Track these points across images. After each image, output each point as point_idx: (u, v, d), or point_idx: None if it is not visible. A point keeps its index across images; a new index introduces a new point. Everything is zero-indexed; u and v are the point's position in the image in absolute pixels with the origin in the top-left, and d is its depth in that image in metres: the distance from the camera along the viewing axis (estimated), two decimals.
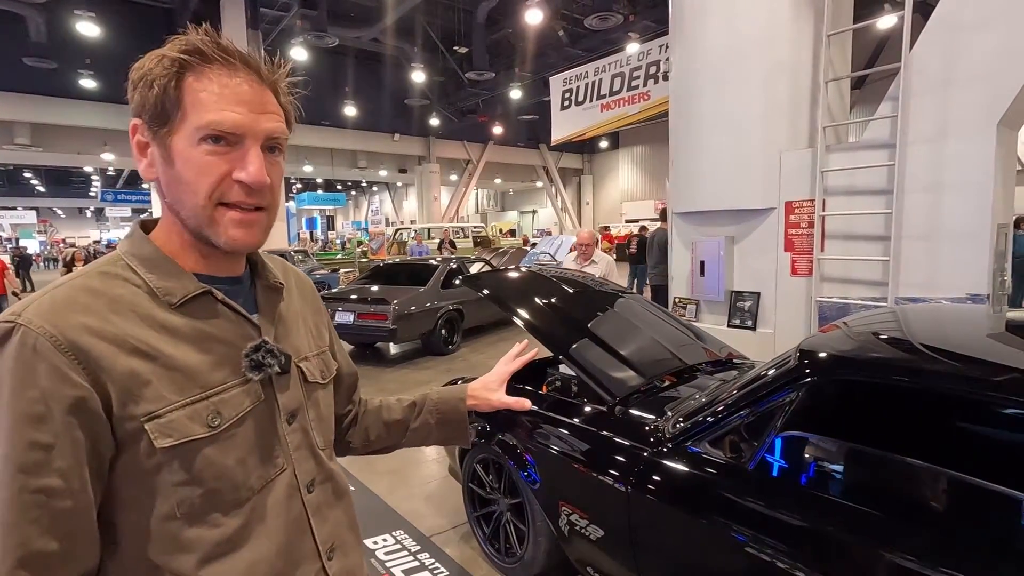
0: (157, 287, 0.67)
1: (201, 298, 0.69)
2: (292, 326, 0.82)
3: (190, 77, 0.65)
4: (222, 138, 0.65)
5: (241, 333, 0.72)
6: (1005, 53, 3.17)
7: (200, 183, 0.66)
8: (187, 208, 0.67)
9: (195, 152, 0.65)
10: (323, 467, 0.81)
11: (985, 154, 3.28)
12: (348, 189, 39.94)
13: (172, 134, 0.66)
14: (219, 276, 0.73)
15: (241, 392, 0.70)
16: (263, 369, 0.71)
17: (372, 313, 6.41)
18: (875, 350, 1.61)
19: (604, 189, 31.51)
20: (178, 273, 0.69)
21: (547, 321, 2.58)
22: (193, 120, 0.65)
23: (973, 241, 3.36)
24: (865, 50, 15.10)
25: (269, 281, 0.80)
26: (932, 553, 1.24)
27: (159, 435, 0.62)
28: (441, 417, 1.08)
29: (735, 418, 1.71)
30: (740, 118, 4.24)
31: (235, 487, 0.68)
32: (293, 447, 0.76)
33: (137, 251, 0.70)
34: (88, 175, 30.34)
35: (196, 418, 0.65)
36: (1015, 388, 1.27)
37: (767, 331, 4.29)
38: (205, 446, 0.65)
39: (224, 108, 0.65)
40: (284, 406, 0.75)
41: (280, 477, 0.74)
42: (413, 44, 17.27)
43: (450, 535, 2.91)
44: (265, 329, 0.75)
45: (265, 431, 0.72)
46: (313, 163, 24.50)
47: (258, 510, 0.70)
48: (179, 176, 0.66)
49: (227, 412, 0.68)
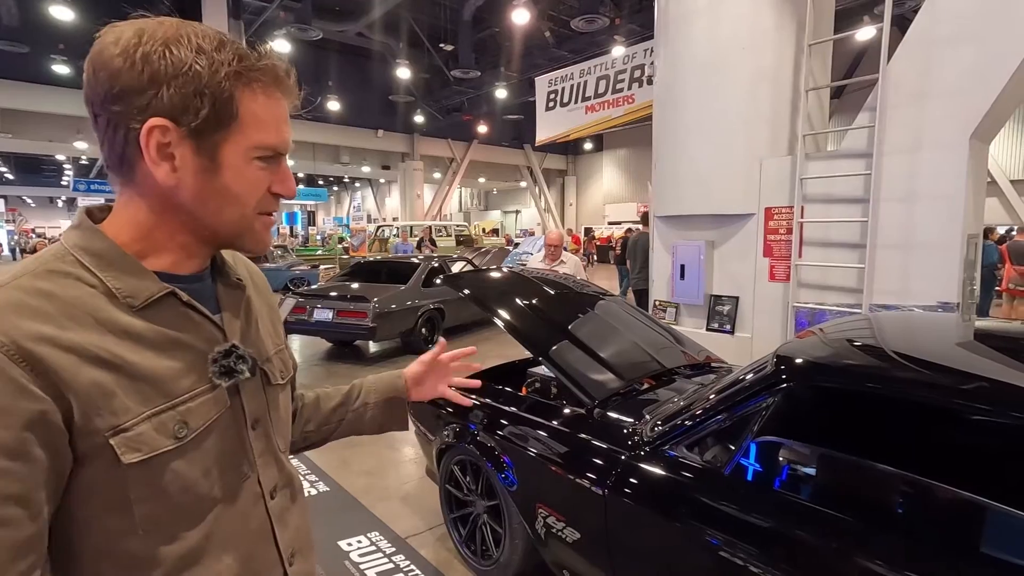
0: (116, 288, 0.62)
1: (164, 300, 0.65)
2: (255, 325, 0.79)
3: (243, 87, 0.64)
4: (271, 156, 0.68)
5: (206, 336, 0.68)
6: (978, 69, 3.25)
7: (250, 196, 0.67)
8: (226, 218, 0.67)
9: (249, 167, 0.66)
10: (284, 471, 0.79)
11: (957, 166, 3.36)
12: (330, 184, 39.42)
13: (221, 142, 0.64)
14: (181, 274, 0.69)
15: (208, 400, 0.66)
16: (233, 375, 0.68)
17: (351, 311, 6.33)
18: (850, 357, 1.63)
19: (587, 191, 31.65)
20: (138, 271, 0.64)
21: (527, 322, 2.57)
22: (253, 137, 0.65)
23: (944, 250, 3.45)
24: (844, 62, 15.43)
25: (230, 278, 0.76)
26: (900, 558, 1.25)
27: (126, 450, 0.58)
28: (379, 397, 1.03)
29: (712, 422, 1.72)
30: (722, 124, 4.28)
31: (200, 499, 0.65)
32: (257, 453, 0.73)
33: (88, 245, 0.63)
34: (60, 163, 29.50)
35: (162, 430, 0.61)
36: (982, 397, 1.29)
37: (745, 335, 4.34)
38: (173, 459, 0.62)
39: (280, 128, 0.68)
40: (250, 412, 0.72)
41: (244, 485, 0.71)
42: (398, 40, 17.13)
43: (426, 537, 2.89)
44: (231, 331, 0.72)
45: (231, 439, 0.70)
46: (295, 157, 24.12)
47: (221, 520, 0.67)
48: (225, 187, 0.65)
49: (194, 422, 0.64)
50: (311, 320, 6.44)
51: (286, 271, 13.10)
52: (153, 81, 0.59)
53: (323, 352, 7.29)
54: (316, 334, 6.88)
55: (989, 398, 1.29)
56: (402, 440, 4.08)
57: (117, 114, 0.60)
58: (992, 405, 1.27)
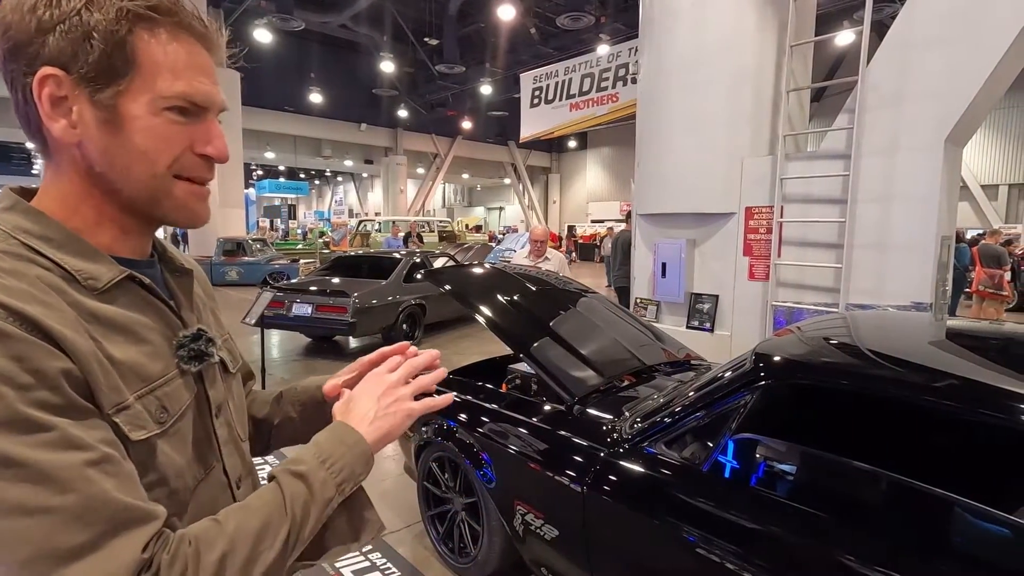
0: (76, 270, 0.58)
1: (124, 283, 0.62)
2: (202, 313, 0.76)
3: (143, 32, 0.58)
4: (188, 110, 0.60)
5: (167, 322, 0.66)
6: (953, 74, 3.32)
7: (160, 153, 0.60)
8: (137, 179, 0.60)
9: (157, 121, 0.59)
10: (246, 461, 0.77)
11: (932, 169, 3.43)
12: (312, 178, 38.98)
13: (122, 96, 0.58)
14: (132, 259, 0.65)
15: (180, 385, 0.64)
16: (203, 359, 0.66)
17: (331, 306, 6.25)
18: (826, 355, 1.65)
19: (571, 188, 31.74)
20: (93, 254, 0.60)
21: (508, 319, 2.55)
22: (158, 86, 0.58)
23: (918, 252, 3.52)
24: (823, 66, 15.68)
25: (175, 264, 0.73)
26: (873, 553, 1.27)
27: (131, 427, 0.56)
28: (302, 409, 0.92)
29: (691, 419, 1.72)
30: (705, 123, 4.31)
31: (186, 488, 0.63)
32: (222, 442, 0.71)
33: (31, 227, 0.58)
34: (30, 152, 28.68)
35: (149, 413, 0.59)
36: (953, 394, 1.31)
37: (724, 333, 4.38)
38: (161, 442, 0.60)
39: (195, 78, 0.60)
40: (213, 399, 0.70)
41: (211, 475, 0.69)
42: (383, 33, 16.97)
43: (403, 534, 2.86)
44: (187, 317, 0.70)
45: (199, 426, 0.67)
46: (275, 149, 23.80)
47: (191, 512, 0.64)
48: (130, 144, 0.59)
49: (172, 406, 0.62)
50: (289, 315, 6.35)
51: (265, 265, 12.89)
52: (40, 29, 0.55)
53: (302, 347, 7.19)
54: (295, 329, 6.78)
55: (959, 395, 1.30)
56: None
57: (13, 72, 0.57)
58: (962, 402, 1.28)
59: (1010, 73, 3.41)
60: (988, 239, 8.34)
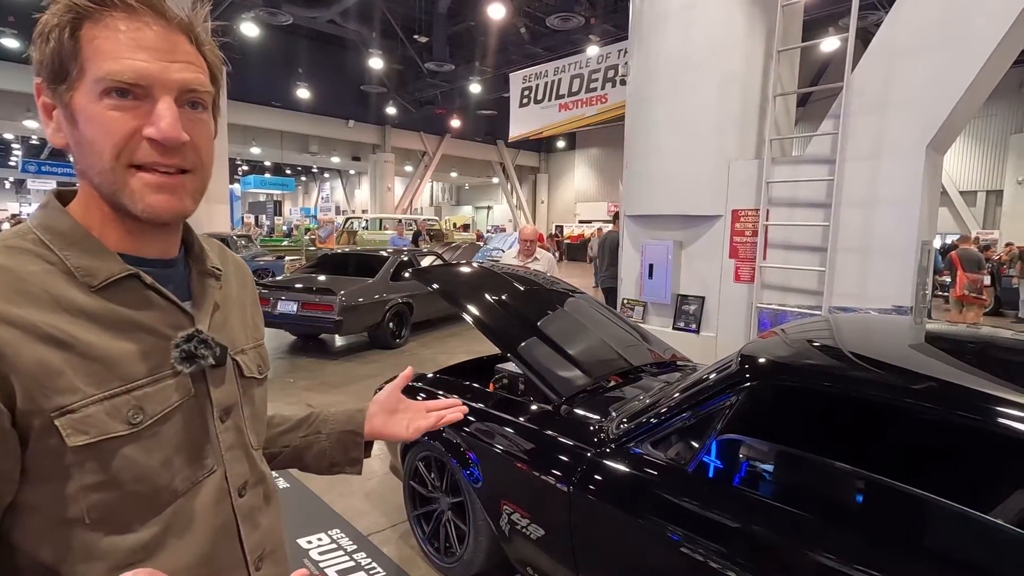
0: (76, 266, 0.59)
1: (126, 281, 0.62)
2: (229, 316, 0.75)
3: (87, 25, 0.58)
4: (128, 91, 0.58)
5: (171, 322, 0.65)
6: (935, 81, 3.38)
7: (104, 142, 0.58)
8: (96, 173, 0.60)
9: (97, 108, 0.58)
10: (256, 469, 0.75)
11: (914, 174, 3.49)
12: (298, 174, 38.58)
13: (73, 91, 0.58)
14: (148, 258, 0.65)
15: (169, 386, 0.63)
16: (195, 361, 0.65)
17: (317, 303, 6.19)
18: (810, 357, 1.67)
19: (559, 189, 31.79)
20: (100, 251, 0.61)
21: (496, 318, 2.55)
22: (92, 72, 0.57)
23: (900, 256, 3.58)
24: (809, 71, 15.88)
25: (206, 266, 0.73)
26: (854, 553, 1.29)
27: (72, 432, 0.55)
28: (333, 428, 0.92)
29: (677, 420, 1.73)
30: (693, 125, 4.34)
31: (156, 490, 0.62)
32: (225, 447, 0.70)
33: (52, 224, 0.62)
34: (8, 143, 28.01)
35: (115, 414, 0.58)
36: (931, 396, 1.34)
37: (710, 335, 4.42)
38: (125, 445, 0.59)
39: (124, 55, 0.57)
40: (218, 402, 0.69)
41: (209, 479, 0.68)
42: (372, 29, 16.84)
43: (388, 534, 2.84)
44: (199, 318, 0.69)
45: (194, 429, 0.66)
46: (261, 145, 23.50)
47: (181, 515, 0.64)
48: (82, 138, 0.59)
49: (151, 408, 0.61)
50: (275, 312, 6.28)
51: (250, 262, 12.74)
52: (33, 43, 0.59)
53: (287, 345, 7.12)
54: (279, 327, 6.71)
55: (937, 397, 1.33)
56: None
57: None
58: (939, 404, 1.31)
59: (990, 82, 3.48)
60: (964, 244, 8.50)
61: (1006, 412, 1.21)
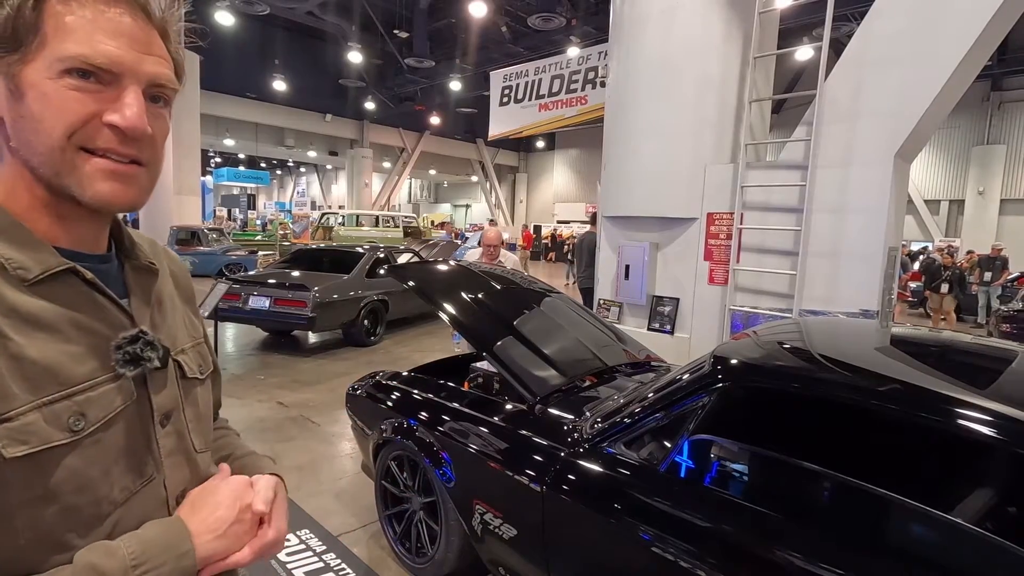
0: (7, 258, 0.54)
1: (62, 276, 0.57)
2: (168, 314, 0.72)
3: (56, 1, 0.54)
4: (93, 74, 0.55)
5: (111, 321, 0.61)
6: (903, 92, 3.48)
7: (56, 121, 0.54)
8: (38, 151, 0.55)
9: (53, 86, 0.54)
10: (198, 474, 0.71)
11: (882, 182, 3.58)
12: (273, 168, 37.85)
13: (25, 63, 0.54)
14: (82, 252, 0.61)
15: (111, 390, 0.59)
16: (140, 363, 0.61)
17: (290, 299, 6.08)
18: (780, 359, 1.69)
19: (538, 188, 31.85)
20: (32, 243, 0.56)
21: (472, 316, 2.54)
22: (56, 49, 0.54)
23: (868, 261, 3.67)
24: (784, 79, 16.22)
25: (140, 261, 0.69)
26: (820, 552, 1.31)
27: (9, 442, 0.51)
28: None
29: (650, 420, 1.74)
30: (670, 128, 4.39)
31: (96, 502, 0.57)
32: (166, 453, 0.66)
33: None
34: None
35: (55, 421, 0.54)
36: (895, 397, 1.37)
37: (684, 336, 4.47)
38: (66, 454, 0.54)
39: (99, 39, 0.54)
40: (159, 406, 0.65)
41: (147, 488, 0.63)
42: (351, 22, 16.61)
43: (359, 534, 2.80)
44: (139, 316, 0.65)
45: (135, 435, 0.62)
46: (235, 136, 23.00)
47: (120, 526, 0.60)
48: (28, 112, 0.54)
49: (93, 414, 0.57)
50: (246, 308, 6.14)
51: (221, 256, 12.45)
52: None
53: (258, 341, 6.98)
54: (251, 323, 6.57)
55: (901, 399, 1.36)
56: (339, 435, 3.95)
57: None
58: (903, 406, 1.34)
59: (955, 94, 3.59)
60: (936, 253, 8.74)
61: (965, 414, 1.24)
